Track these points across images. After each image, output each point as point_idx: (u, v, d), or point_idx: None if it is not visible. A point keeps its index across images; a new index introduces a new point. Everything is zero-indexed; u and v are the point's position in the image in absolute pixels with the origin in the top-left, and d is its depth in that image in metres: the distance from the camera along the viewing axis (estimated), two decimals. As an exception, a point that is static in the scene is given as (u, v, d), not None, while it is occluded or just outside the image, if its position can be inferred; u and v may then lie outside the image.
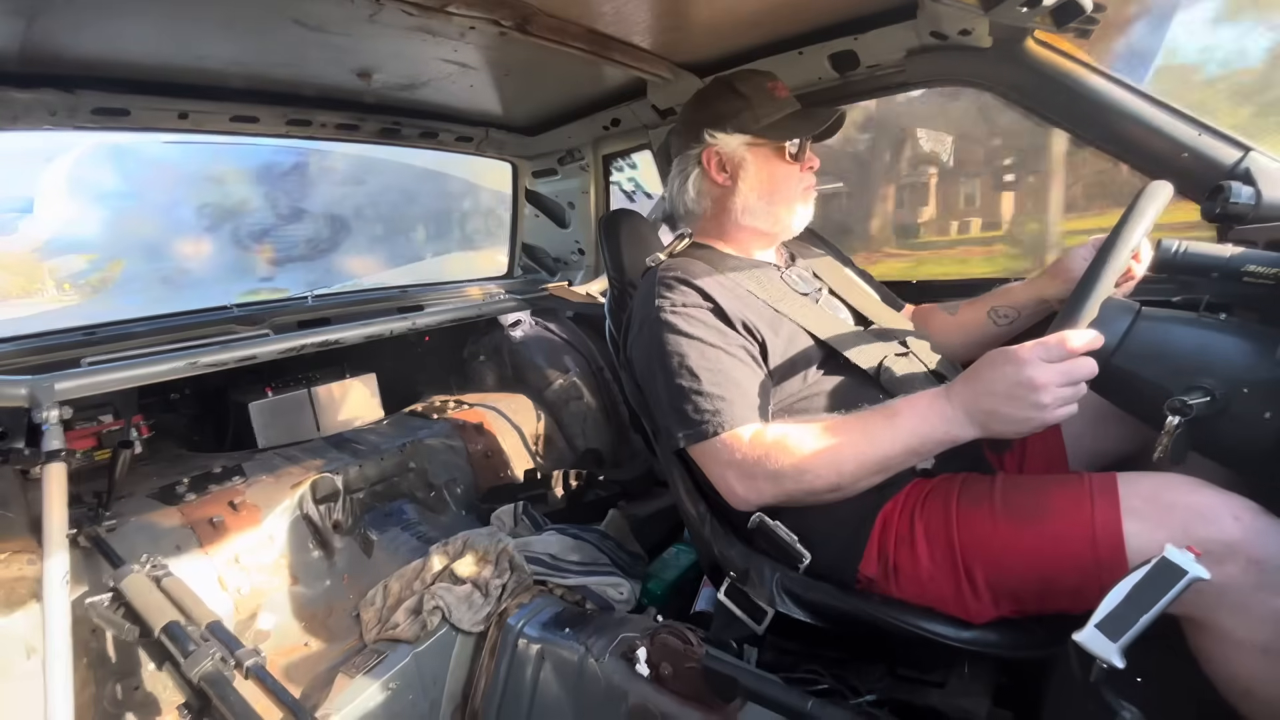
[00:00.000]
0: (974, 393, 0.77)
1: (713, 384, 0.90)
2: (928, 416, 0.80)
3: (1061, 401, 0.72)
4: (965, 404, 0.78)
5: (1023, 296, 1.11)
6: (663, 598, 1.37)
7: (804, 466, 0.83)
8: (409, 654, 1.11)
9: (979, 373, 0.77)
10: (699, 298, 0.95)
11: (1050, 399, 0.71)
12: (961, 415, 0.78)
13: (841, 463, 0.83)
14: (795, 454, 0.84)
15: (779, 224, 1.07)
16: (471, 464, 1.78)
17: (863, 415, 0.86)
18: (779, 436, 0.87)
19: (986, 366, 0.76)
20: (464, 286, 2.29)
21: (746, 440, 0.87)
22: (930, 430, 0.80)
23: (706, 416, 0.89)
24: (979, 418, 0.77)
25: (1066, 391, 0.71)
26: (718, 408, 0.88)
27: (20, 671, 0.95)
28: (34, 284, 4.00)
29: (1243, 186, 0.96)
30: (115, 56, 1.27)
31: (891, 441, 0.81)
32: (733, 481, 0.89)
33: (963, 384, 0.79)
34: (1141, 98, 1.10)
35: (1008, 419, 0.74)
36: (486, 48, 1.36)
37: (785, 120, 1.03)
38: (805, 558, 0.92)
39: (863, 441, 0.82)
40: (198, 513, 1.30)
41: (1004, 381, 0.73)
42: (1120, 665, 0.58)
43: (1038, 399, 0.71)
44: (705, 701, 0.88)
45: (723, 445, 0.88)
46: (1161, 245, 0.85)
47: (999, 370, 0.74)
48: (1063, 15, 1.02)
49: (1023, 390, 0.72)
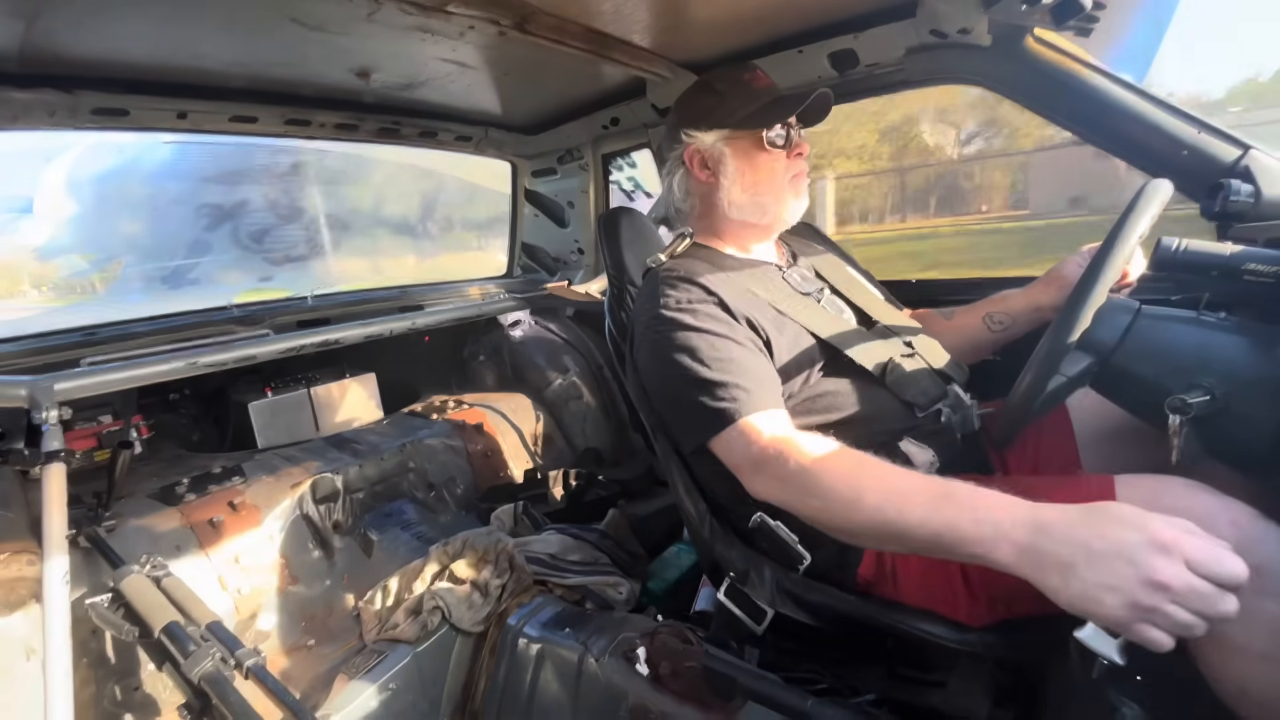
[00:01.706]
0: (1066, 529, 0.59)
1: (725, 373, 0.86)
2: (983, 518, 0.64)
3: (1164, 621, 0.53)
4: (1039, 537, 0.60)
5: (1018, 303, 1.12)
6: (663, 597, 1.37)
7: (815, 490, 0.76)
8: (409, 654, 1.11)
9: (1091, 513, 0.60)
10: (703, 293, 0.94)
11: (1153, 604, 0.53)
12: (1024, 539, 0.61)
13: (858, 508, 0.72)
14: (814, 471, 0.76)
15: (768, 215, 1.05)
16: (471, 464, 1.78)
17: (912, 474, 0.75)
18: (802, 443, 0.79)
19: (1104, 512, 0.59)
20: (463, 286, 2.29)
21: (766, 432, 0.82)
22: (976, 532, 0.64)
23: (724, 405, 0.85)
24: (1043, 558, 0.59)
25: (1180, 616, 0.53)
26: (735, 395, 0.85)
27: (20, 672, 0.95)
28: (17, 286, 4.01)
29: (1242, 184, 0.96)
30: (114, 57, 1.27)
31: (921, 519, 0.67)
32: (746, 472, 0.85)
33: (1060, 513, 0.61)
34: (1141, 96, 1.09)
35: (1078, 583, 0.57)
36: (485, 47, 1.36)
37: (761, 109, 1.02)
38: (805, 558, 0.92)
39: (893, 499, 0.70)
40: (197, 513, 1.30)
41: (1117, 542, 0.56)
42: (1121, 662, 0.57)
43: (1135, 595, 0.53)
44: (705, 701, 0.88)
45: (739, 433, 0.84)
46: (1161, 244, 0.85)
47: (1119, 529, 0.57)
48: (1062, 13, 1.02)
49: (1131, 571, 0.54)
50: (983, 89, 1.28)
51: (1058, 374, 0.81)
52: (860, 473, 0.74)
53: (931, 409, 0.98)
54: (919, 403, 0.97)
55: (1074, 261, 1.04)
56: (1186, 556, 0.54)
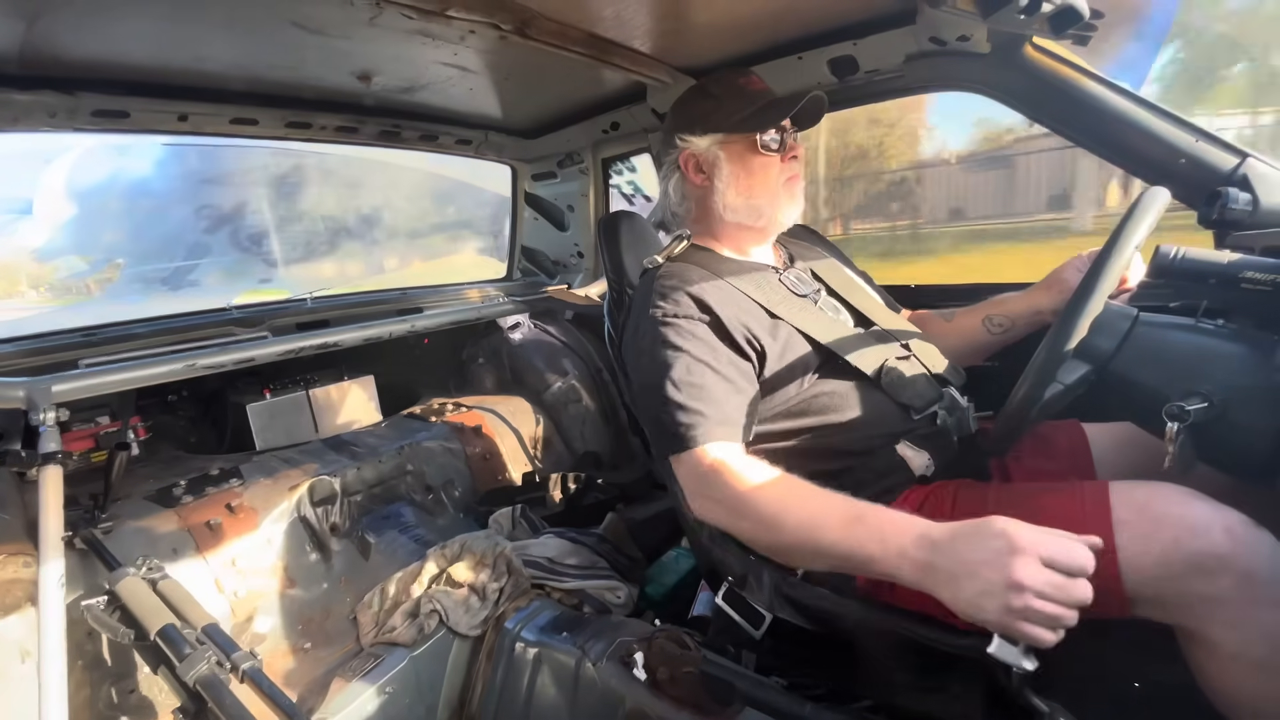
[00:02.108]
0: (950, 544, 0.66)
1: (690, 398, 0.89)
2: (888, 539, 0.70)
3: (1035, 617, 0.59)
4: (933, 550, 0.66)
5: (1017, 307, 1.12)
6: (660, 602, 1.36)
7: (744, 513, 0.81)
8: (406, 657, 1.11)
9: (967, 529, 0.66)
10: (695, 308, 0.95)
11: (1020, 604, 0.59)
12: (921, 557, 0.67)
13: (780, 530, 0.78)
14: (744, 495, 0.81)
15: (763, 218, 1.06)
16: (470, 467, 1.78)
17: (827, 497, 0.79)
18: (740, 469, 0.83)
19: (977, 527, 0.65)
20: (463, 289, 2.29)
21: (709, 459, 0.86)
22: (881, 553, 0.70)
23: (681, 430, 0.88)
24: (936, 573, 0.66)
25: (1046, 609, 0.59)
26: (693, 421, 0.87)
27: (15, 675, 0.95)
28: (16, 287, 4.00)
29: (1240, 192, 0.97)
30: (115, 59, 1.27)
31: (835, 540, 0.74)
32: (690, 494, 0.89)
33: (947, 530, 0.67)
34: (1139, 104, 1.10)
35: (962, 592, 0.63)
36: (486, 51, 1.36)
37: (755, 113, 1.03)
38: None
39: (812, 522, 0.76)
40: (195, 515, 1.30)
41: (985, 551, 0.62)
42: (1030, 668, 0.60)
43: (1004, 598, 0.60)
44: (702, 706, 0.88)
45: (690, 457, 0.88)
46: (1159, 251, 0.85)
47: (986, 539, 0.63)
48: (1060, 22, 1.03)
49: (997, 576, 0.60)
50: (981, 96, 1.29)
51: (1055, 381, 0.81)
52: (784, 496, 0.80)
53: (927, 412, 0.98)
54: (915, 406, 0.97)
55: (1074, 266, 1.05)
56: (1041, 555, 0.60)
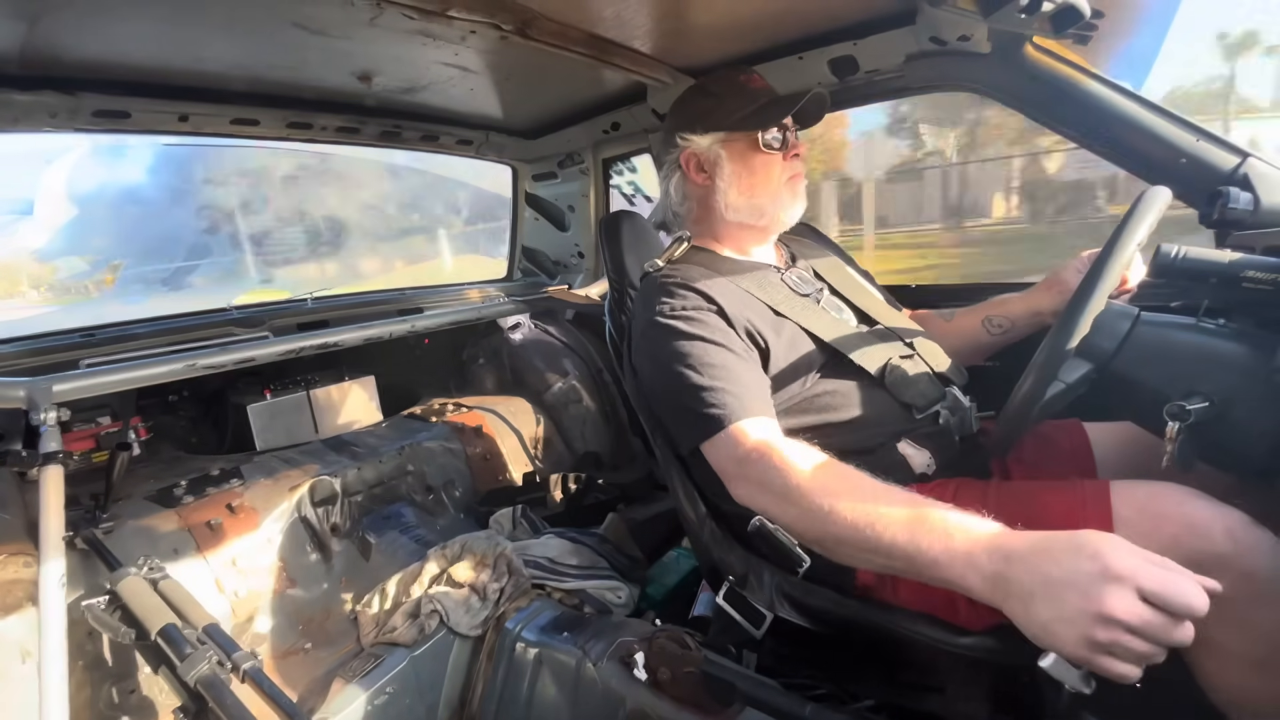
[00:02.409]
0: (1029, 558, 0.58)
1: (717, 379, 0.87)
2: (955, 545, 0.63)
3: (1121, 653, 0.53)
4: (1005, 566, 0.59)
5: (1017, 308, 1.12)
6: (661, 602, 1.36)
7: (793, 500, 0.76)
8: (406, 658, 1.11)
9: (1054, 543, 0.58)
10: (701, 300, 0.95)
11: (1106, 639, 0.52)
12: (992, 568, 0.60)
13: (832, 522, 0.72)
14: (794, 481, 0.76)
15: (765, 216, 1.06)
16: (470, 467, 1.78)
17: (893, 491, 0.73)
18: (786, 452, 0.79)
19: (1068, 542, 0.57)
20: (463, 289, 2.30)
21: (750, 440, 0.83)
22: (947, 560, 0.63)
23: (714, 411, 0.86)
24: (1008, 587, 0.59)
25: (1136, 646, 0.52)
26: (725, 401, 0.86)
27: (16, 675, 0.95)
28: (17, 288, 4.01)
29: (1241, 192, 0.97)
30: (116, 59, 1.27)
31: (893, 540, 0.67)
32: (730, 477, 0.86)
33: (1026, 541, 0.60)
34: (1140, 103, 1.10)
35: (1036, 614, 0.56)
36: (487, 51, 1.36)
37: (756, 111, 1.02)
38: (805, 562, 0.91)
39: (869, 517, 0.69)
40: (195, 515, 1.30)
41: (1072, 573, 0.55)
42: (1087, 691, 0.55)
43: (1088, 630, 0.53)
44: (703, 706, 0.88)
45: (727, 438, 0.85)
46: (1160, 250, 0.85)
47: (1076, 559, 0.55)
48: (1061, 21, 1.03)
49: (1084, 604, 0.53)
50: (981, 96, 1.29)
51: (1056, 380, 0.81)
52: (840, 486, 0.74)
53: (930, 411, 0.98)
54: (917, 404, 0.97)
55: (1073, 267, 1.05)
56: (1141, 587, 0.52)
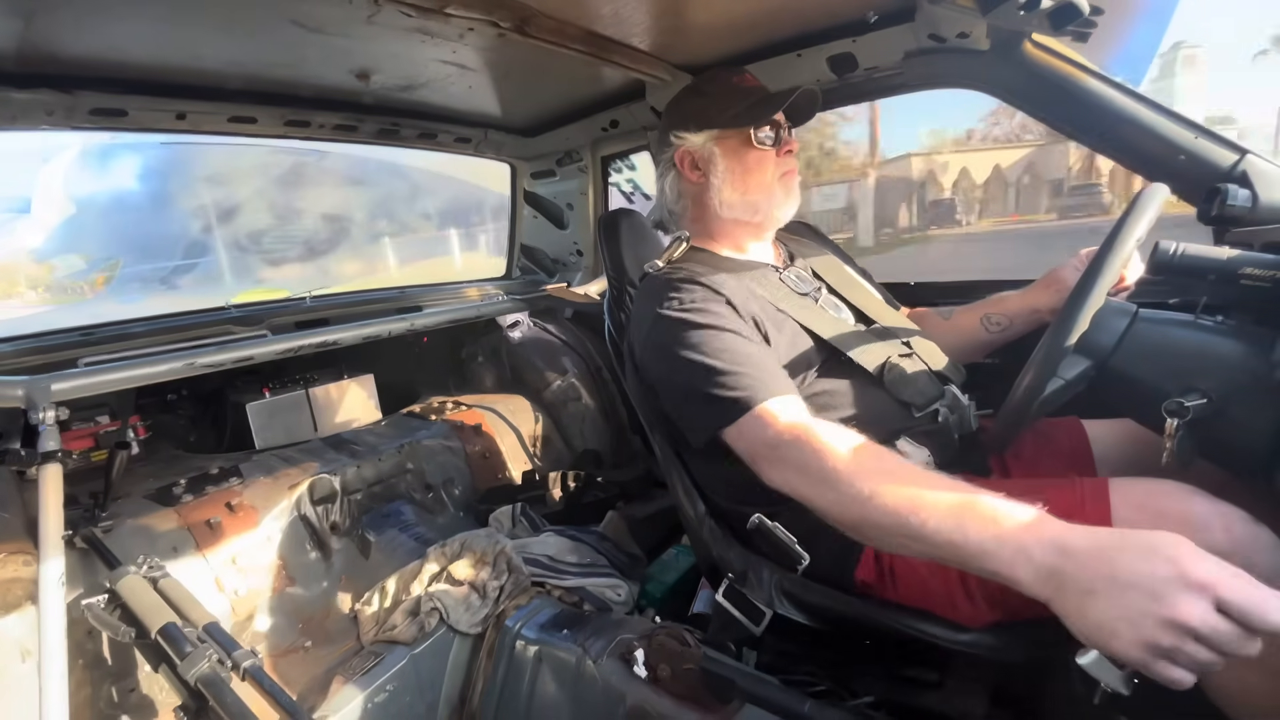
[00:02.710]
0: (1093, 555, 0.55)
1: (735, 363, 0.86)
2: (1005, 534, 0.60)
3: (1182, 659, 0.51)
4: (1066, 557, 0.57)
5: (1015, 305, 1.13)
6: (661, 599, 1.37)
7: (832, 482, 0.73)
8: (406, 656, 1.11)
9: (1124, 542, 0.55)
10: (709, 292, 0.95)
11: (1170, 645, 0.50)
12: (1048, 562, 0.57)
13: (873, 507, 0.69)
14: (831, 463, 0.73)
15: (759, 213, 1.06)
16: (469, 465, 1.78)
17: (938, 477, 0.70)
18: (821, 433, 0.77)
19: (1141, 543, 0.54)
20: (462, 288, 2.29)
21: (782, 419, 0.80)
22: (996, 549, 0.60)
23: (738, 393, 0.84)
24: (1064, 583, 0.56)
25: (1200, 656, 0.50)
26: (747, 383, 0.84)
27: (15, 674, 0.95)
28: (15, 287, 4.00)
29: (1239, 189, 0.97)
30: (113, 57, 1.26)
31: (937, 527, 0.64)
32: (762, 459, 0.82)
33: (1089, 537, 0.57)
34: (1138, 100, 1.10)
35: (1093, 613, 0.54)
36: (485, 49, 1.36)
37: (748, 108, 1.03)
38: (804, 559, 0.92)
39: (913, 502, 0.66)
40: (195, 514, 1.30)
41: (1144, 576, 0.52)
42: (1126, 693, 0.54)
43: (1153, 635, 0.50)
44: (703, 703, 0.88)
45: (755, 419, 0.82)
46: (1159, 247, 0.85)
47: (1150, 560, 0.52)
48: (1060, 18, 1.03)
49: (1154, 607, 0.51)
50: (980, 93, 1.29)
51: (1055, 377, 0.81)
52: (879, 469, 0.71)
53: (928, 409, 0.98)
54: (916, 403, 0.97)
55: (1071, 265, 1.05)
56: (1221, 597, 0.50)
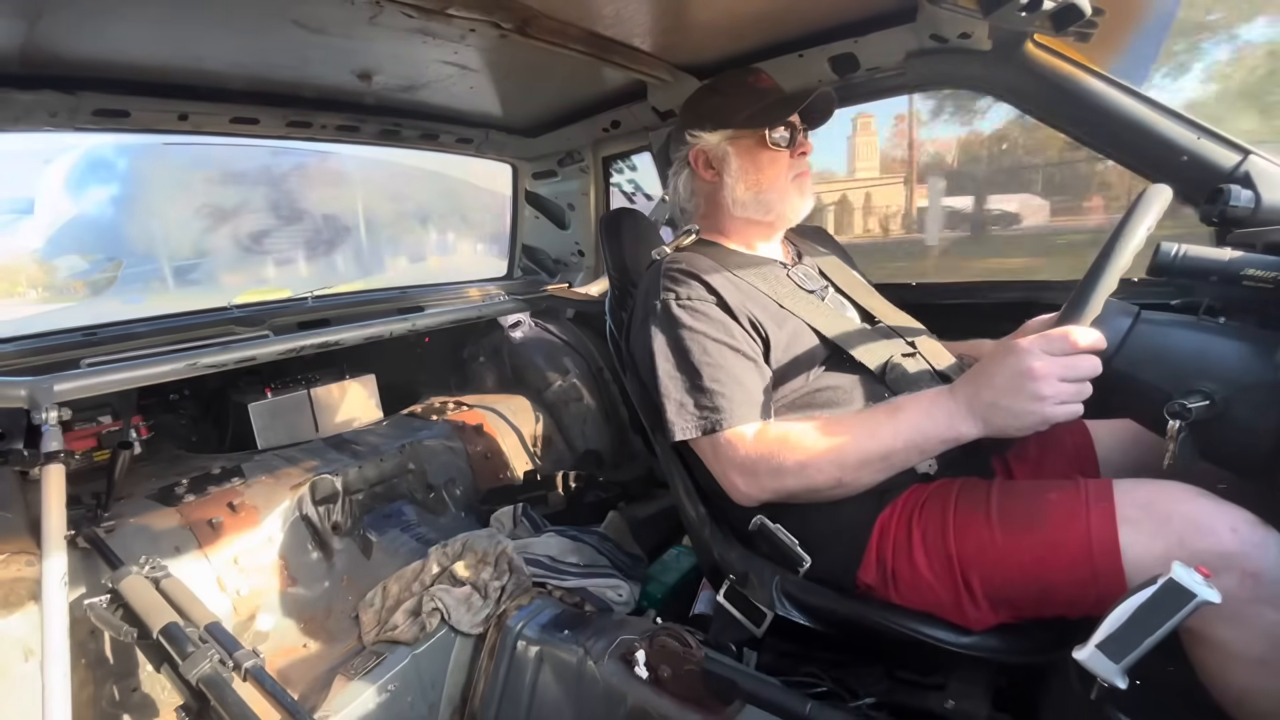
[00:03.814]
0: (976, 386, 0.78)
1: (714, 380, 0.90)
2: (931, 411, 0.80)
3: (1062, 397, 0.71)
4: (968, 398, 0.78)
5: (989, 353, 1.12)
6: (662, 600, 1.36)
7: (806, 462, 0.84)
8: (408, 656, 1.11)
9: (982, 366, 0.78)
10: (704, 291, 0.96)
11: (1050, 391, 0.71)
12: (964, 409, 0.78)
13: (844, 457, 0.82)
14: (798, 450, 0.85)
15: (771, 212, 1.07)
16: (471, 465, 1.78)
17: (866, 412, 0.87)
18: (782, 434, 0.87)
19: (989, 359, 0.77)
20: (463, 288, 2.30)
21: (750, 438, 0.88)
22: (933, 425, 0.79)
23: (708, 413, 0.89)
24: (980, 411, 0.77)
25: (1067, 388, 0.71)
26: (720, 405, 0.89)
27: (18, 673, 0.95)
28: (17, 288, 4.01)
29: (1242, 190, 0.96)
30: (116, 58, 1.27)
31: (894, 435, 0.81)
32: (735, 478, 0.89)
33: (966, 379, 0.80)
34: (1141, 101, 1.10)
35: (1008, 411, 0.74)
36: (486, 50, 1.36)
37: (764, 109, 1.03)
38: (805, 561, 0.92)
39: (865, 436, 0.82)
40: (197, 514, 1.30)
41: (1004, 372, 0.74)
42: (1123, 686, 0.57)
43: (1037, 389, 0.71)
44: (704, 704, 0.88)
45: (725, 443, 0.89)
46: (1160, 249, 0.85)
47: (1000, 362, 0.75)
48: (1062, 19, 1.02)
49: (1022, 380, 0.72)
50: (982, 94, 1.29)
51: None
52: (830, 433, 0.84)
53: None
54: None
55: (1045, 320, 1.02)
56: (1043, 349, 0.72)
